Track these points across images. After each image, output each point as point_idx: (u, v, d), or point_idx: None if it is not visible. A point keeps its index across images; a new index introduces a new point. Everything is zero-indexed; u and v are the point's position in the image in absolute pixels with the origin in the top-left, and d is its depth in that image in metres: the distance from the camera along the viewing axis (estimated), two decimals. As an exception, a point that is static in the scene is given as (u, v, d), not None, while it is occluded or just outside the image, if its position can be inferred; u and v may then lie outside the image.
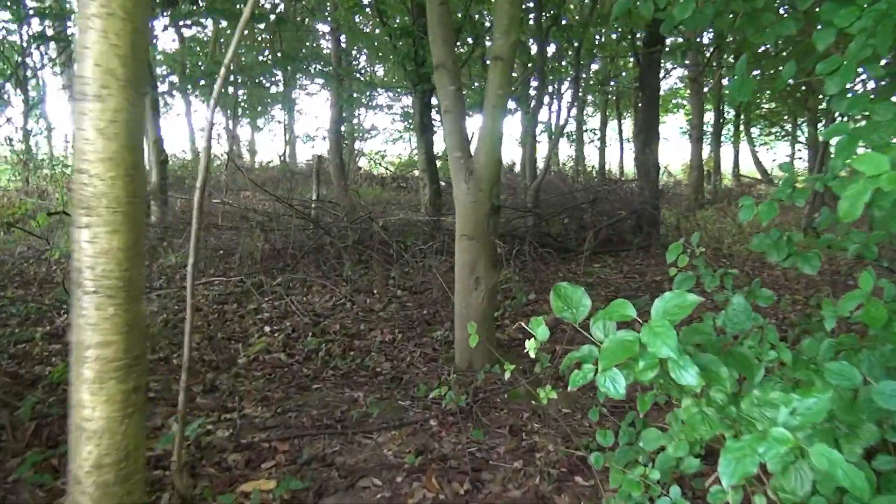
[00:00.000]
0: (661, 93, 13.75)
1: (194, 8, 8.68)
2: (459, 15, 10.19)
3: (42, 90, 19.69)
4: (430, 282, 7.35)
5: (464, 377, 4.82)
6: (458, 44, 11.28)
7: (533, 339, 1.83)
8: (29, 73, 18.34)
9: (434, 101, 10.34)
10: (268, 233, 8.51)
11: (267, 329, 6.03)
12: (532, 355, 1.87)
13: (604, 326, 1.70)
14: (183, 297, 7.07)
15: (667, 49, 12.44)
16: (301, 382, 4.81)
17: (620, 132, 23.87)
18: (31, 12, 7.40)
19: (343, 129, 20.64)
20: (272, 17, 10.00)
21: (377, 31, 15.39)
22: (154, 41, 20.43)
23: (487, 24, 11.28)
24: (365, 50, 18.87)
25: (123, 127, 1.82)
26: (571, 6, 15.12)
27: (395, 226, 8.97)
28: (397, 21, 11.50)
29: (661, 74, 13.19)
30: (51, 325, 5.88)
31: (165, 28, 10.84)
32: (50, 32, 11.57)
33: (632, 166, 21.32)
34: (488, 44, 11.18)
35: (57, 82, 16.75)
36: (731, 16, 3.05)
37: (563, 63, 13.51)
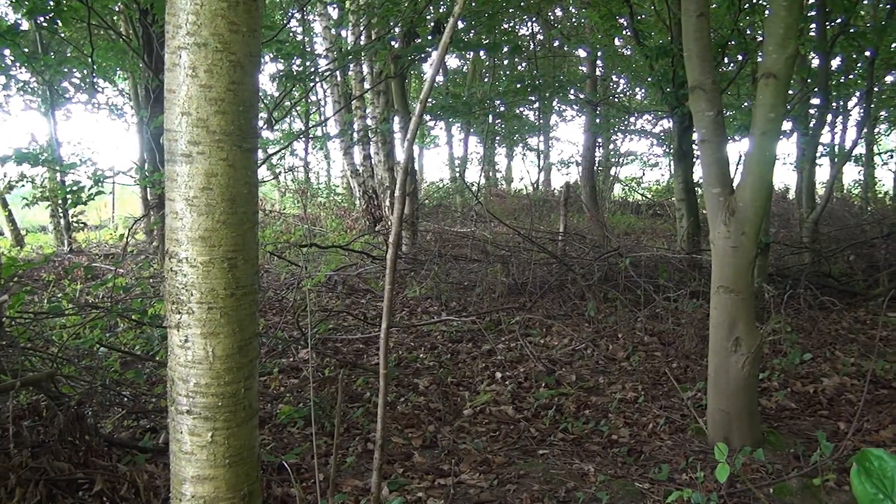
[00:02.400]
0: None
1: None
2: (727, 30, 9.18)
3: (325, 124, 21.38)
4: (683, 329, 6.50)
5: (715, 459, 4.02)
6: (726, 60, 10.21)
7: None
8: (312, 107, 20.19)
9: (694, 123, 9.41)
10: (509, 267, 8.19)
11: (498, 375, 5.65)
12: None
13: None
14: (421, 333, 6.97)
15: None
16: (526, 445, 4.33)
17: (922, 152, 20.54)
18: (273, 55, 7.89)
19: (599, 154, 20.09)
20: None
21: (635, 53, 14.69)
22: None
23: (759, 38, 10.09)
24: (623, 74, 18.20)
25: (221, 196, 1.48)
26: (861, 12, 13.21)
27: (646, 262, 8.19)
28: (652, 38, 10.72)
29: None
30: (293, 357, 6.02)
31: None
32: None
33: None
34: (761, 59, 9.99)
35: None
36: None
37: (851, 76, 11.75)
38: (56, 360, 4.58)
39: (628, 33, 11.03)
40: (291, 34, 14.20)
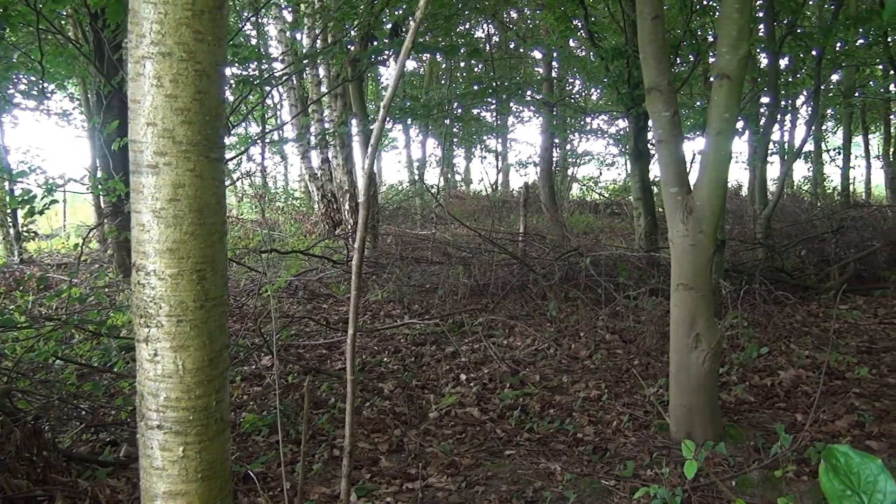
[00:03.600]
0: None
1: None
2: (679, 31, 9.37)
3: (281, 128, 21.19)
4: (644, 327, 6.60)
5: (679, 454, 4.09)
6: (679, 61, 10.40)
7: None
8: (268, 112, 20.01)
9: (650, 123, 9.58)
10: (470, 268, 8.22)
11: (463, 377, 5.66)
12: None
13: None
14: (384, 337, 6.95)
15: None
16: (493, 446, 4.35)
17: (867, 149, 21.24)
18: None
19: (556, 154, 20.28)
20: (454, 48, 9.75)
21: (591, 54, 14.88)
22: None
23: (711, 39, 10.30)
24: (579, 75, 18.42)
25: (188, 207, 1.46)
26: (808, 13, 13.60)
27: (606, 261, 8.29)
28: (607, 40, 10.88)
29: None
30: (256, 364, 5.95)
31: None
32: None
33: (884, 188, 18.73)
34: (712, 60, 10.20)
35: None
36: None
37: (799, 75, 12.08)
38: (10, 374, 4.46)
39: (583, 35, 11.16)
40: (246, 38, 14.05)
